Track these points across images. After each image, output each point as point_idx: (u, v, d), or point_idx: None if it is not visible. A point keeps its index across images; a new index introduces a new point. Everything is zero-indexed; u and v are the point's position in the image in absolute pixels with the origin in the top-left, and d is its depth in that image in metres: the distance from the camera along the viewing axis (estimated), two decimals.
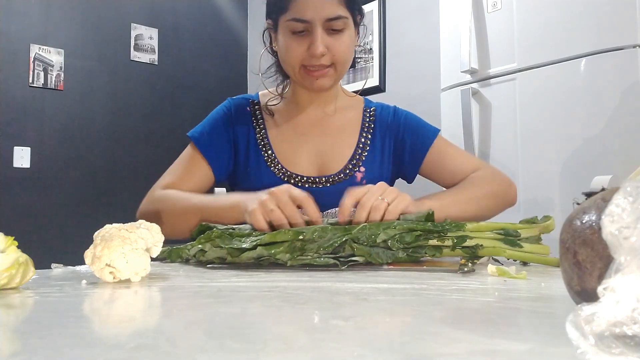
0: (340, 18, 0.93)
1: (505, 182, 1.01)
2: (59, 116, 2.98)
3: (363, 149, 1.05)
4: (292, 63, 0.96)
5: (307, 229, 0.69)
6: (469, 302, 0.43)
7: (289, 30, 0.94)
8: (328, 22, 0.93)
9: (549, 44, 1.57)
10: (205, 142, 1.02)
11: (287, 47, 0.95)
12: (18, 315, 0.40)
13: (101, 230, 0.57)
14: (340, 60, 0.96)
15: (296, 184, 1.00)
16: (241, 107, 1.07)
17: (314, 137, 1.05)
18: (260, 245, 0.67)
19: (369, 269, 0.65)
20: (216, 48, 3.61)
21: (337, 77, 0.99)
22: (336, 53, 0.94)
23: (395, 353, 0.27)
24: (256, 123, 1.06)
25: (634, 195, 0.26)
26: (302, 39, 0.94)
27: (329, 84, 0.98)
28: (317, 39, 0.92)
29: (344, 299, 0.45)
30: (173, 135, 3.30)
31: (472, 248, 0.69)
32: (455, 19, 1.83)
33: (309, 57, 0.94)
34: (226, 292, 0.48)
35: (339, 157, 1.04)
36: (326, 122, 1.07)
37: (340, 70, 0.98)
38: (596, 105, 1.46)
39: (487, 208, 0.95)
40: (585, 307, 0.24)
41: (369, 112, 1.10)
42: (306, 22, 0.92)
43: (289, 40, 0.95)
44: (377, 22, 2.82)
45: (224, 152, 1.03)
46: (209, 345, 0.29)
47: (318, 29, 0.92)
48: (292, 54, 0.95)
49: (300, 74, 0.97)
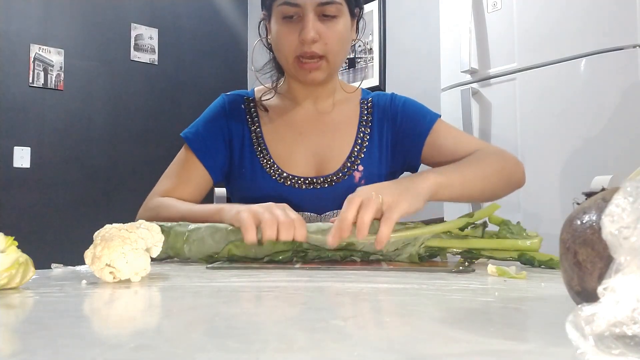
0: (333, 3, 0.90)
1: (512, 160, 0.94)
2: (59, 116, 2.98)
3: (361, 145, 1.02)
4: (285, 53, 0.94)
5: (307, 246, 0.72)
6: (469, 302, 0.43)
7: (280, 17, 0.92)
8: (320, 7, 0.90)
9: (549, 44, 1.57)
10: (200, 144, 0.99)
11: (279, 34, 0.93)
12: (18, 315, 0.40)
13: (101, 230, 0.57)
14: (332, 50, 0.93)
15: (292, 185, 0.97)
16: (235, 104, 1.04)
17: (311, 135, 1.02)
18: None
19: (369, 268, 0.65)
20: (216, 48, 3.61)
21: (330, 70, 0.96)
22: (328, 41, 0.91)
23: (395, 353, 0.27)
24: (251, 121, 1.03)
25: (634, 195, 0.26)
26: (294, 25, 0.91)
27: (322, 76, 0.95)
28: (309, 24, 0.89)
29: (344, 299, 0.45)
30: (173, 135, 3.28)
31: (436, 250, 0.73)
32: (455, 19, 1.83)
33: (301, 45, 0.91)
34: (226, 292, 0.48)
35: (337, 155, 1.01)
36: (323, 119, 1.04)
37: (332, 62, 0.95)
38: (596, 105, 1.46)
39: (495, 187, 0.89)
40: (585, 307, 0.24)
41: (366, 103, 1.07)
42: (297, 6, 0.90)
43: (281, 27, 0.93)
44: (377, 22, 2.82)
45: (219, 152, 1.01)
46: (209, 345, 0.29)
47: (309, 14, 0.90)
48: (284, 41, 0.92)
49: (293, 65, 0.94)
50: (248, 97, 1.06)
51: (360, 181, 1.00)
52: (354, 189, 0.98)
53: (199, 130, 1.01)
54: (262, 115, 1.04)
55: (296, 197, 0.96)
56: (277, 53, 0.98)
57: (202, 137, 1.00)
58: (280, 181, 0.98)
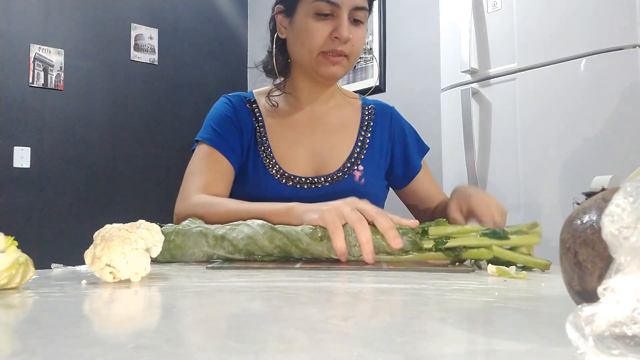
0: (364, 9, 0.95)
1: None
2: (59, 116, 2.98)
3: (362, 147, 1.05)
4: (311, 47, 0.95)
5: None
6: (469, 302, 0.43)
7: (313, 12, 0.94)
8: (354, 10, 0.94)
9: (549, 44, 1.57)
10: (219, 140, 1.00)
11: (310, 29, 0.94)
12: (18, 315, 0.40)
13: (101, 230, 0.57)
14: (355, 52, 0.97)
15: (294, 185, 0.99)
16: (242, 103, 1.06)
17: (313, 136, 1.04)
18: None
19: (369, 268, 0.65)
20: (216, 48, 3.61)
21: (347, 70, 1.00)
22: (355, 44, 0.96)
23: (395, 353, 0.27)
24: (255, 120, 1.05)
25: (634, 195, 0.26)
26: (327, 22, 0.94)
27: (341, 72, 0.98)
28: (345, 23, 0.93)
29: (344, 299, 0.45)
30: (173, 135, 3.30)
31: (454, 250, 0.67)
32: (455, 19, 1.83)
33: (331, 42, 0.94)
34: (226, 292, 0.48)
35: (337, 156, 1.03)
36: (324, 121, 1.06)
37: (352, 62, 0.99)
38: (596, 105, 1.46)
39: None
40: (585, 307, 0.24)
41: (367, 109, 1.11)
42: (334, 5, 0.92)
43: (313, 22, 0.94)
44: (377, 22, 2.82)
45: (237, 146, 1.01)
46: (209, 345, 0.29)
47: (345, 15, 0.93)
48: (315, 36, 0.94)
49: (317, 59, 0.96)
50: (249, 99, 1.08)
51: (360, 180, 1.02)
52: (354, 188, 1.00)
53: (214, 129, 1.02)
54: (265, 115, 1.06)
55: (297, 197, 0.96)
56: (299, 47, 0.98)
57: (219, 134, 1.01)
58: (282, 181, 0.99)
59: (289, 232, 0.70)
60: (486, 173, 1.74)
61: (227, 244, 0.71)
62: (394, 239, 0.68)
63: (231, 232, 0.72)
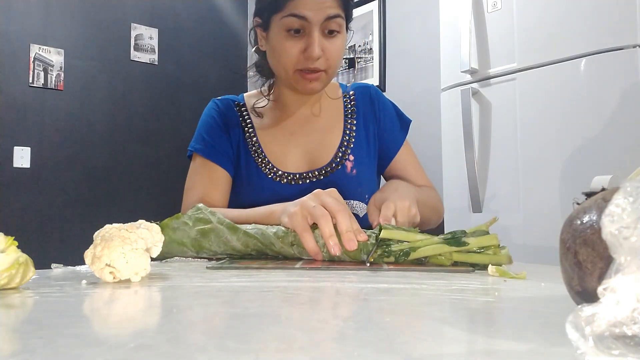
0: (338, 17, 0.93)
1: (442, 206, 1.11)
2: (59, 116, 2.98)
3: (350, 135, 1.06)
4: (286, 65, 0.95)
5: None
6: (469, 302, 0.43)
7: (284, 29, 0.92)
8: (326, 21, 0.91)
9: (549, 44, 1.57)
10: (211, 150, 1.02)
11: (282, 48, 0.93)
12: (18, 315, 0.40)
13: (101, 230, 0.57)
14: (333, 65, 0.96)
15: (288, 182, 1.01)
16: (229, 107, 1.08)
17: (302, 135, 1.05)
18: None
19: (369, 268, 0.65)
20: (216, 48, 3.61)
21: (327, 82, 1.00)
22: (330, 57, 0.94)
23: (395, 353, 0.27)
24: (244, 124, 1.06)
25: (634, 195, 0.26)
26: (298, 40, 0.92)
27: (320, 87, 0.98)
28: (315, 41, 0.91)
29: (344, 299, 0.45)
30: (173, 135, 3.30)
31: (418, 260, 0.68)
32: (455, 19, 1.83)
33: (304, 60, 0.93)
34: (226, 292, 0.48)
35: (328, 150, 1.04)
36: (313, 120, 1.07)
37: (331, 75, 0.98)
38: (596, 105, 1.46)
39: (430, 219, 1.02)
40: (585, 307, 0.24)
41: (349, 97, 1.11)
42: (304, 20, 0.91)
43: (284, 40, 0.93)
44: (377, 22, 2.82)
45: (228, 151, 1.04)
46: (209, 345, 0.29)
47: (315, 31, 0.91)
48: (287, 54, 0.93)
49: (293, 76, 0.96)
50: (239, 103, 1.10)
51: (352, 170, 1.03)
52: (347, 179, 1.02)
53: (204, 139, 1.04)
54: (255, 119, 1.07)
55: (292, 194, 0.97)
56: (275, 63, 0.99)
57: (210, 144, 1.03)
58: (276, 179, 1.01)
59: (263, 235, 0.73)
60: (486, 173, 1.74)
61: (206, 253, 0.76)
62: (349, 241, 0.68)
63: (207, 241, 0.75)
